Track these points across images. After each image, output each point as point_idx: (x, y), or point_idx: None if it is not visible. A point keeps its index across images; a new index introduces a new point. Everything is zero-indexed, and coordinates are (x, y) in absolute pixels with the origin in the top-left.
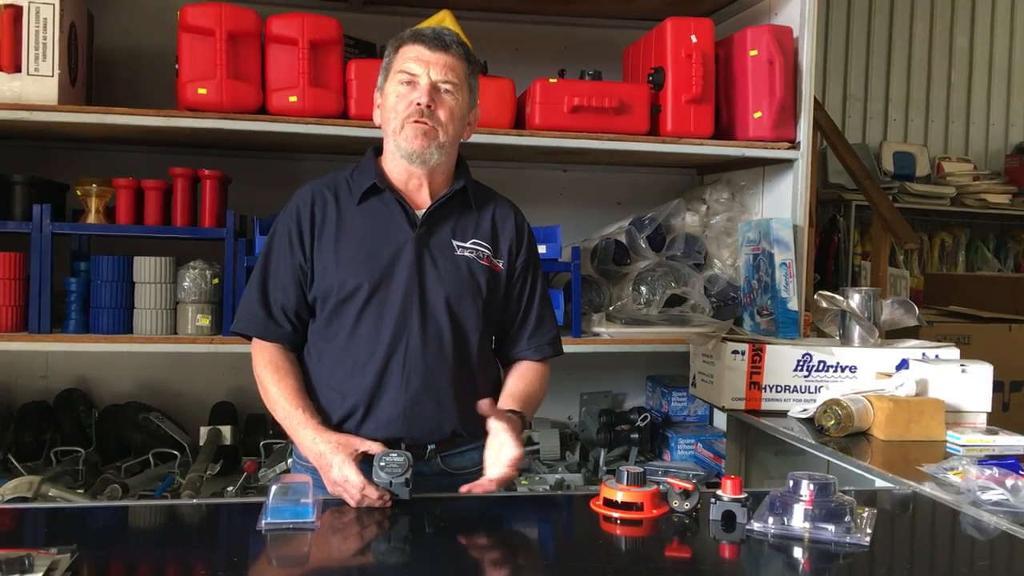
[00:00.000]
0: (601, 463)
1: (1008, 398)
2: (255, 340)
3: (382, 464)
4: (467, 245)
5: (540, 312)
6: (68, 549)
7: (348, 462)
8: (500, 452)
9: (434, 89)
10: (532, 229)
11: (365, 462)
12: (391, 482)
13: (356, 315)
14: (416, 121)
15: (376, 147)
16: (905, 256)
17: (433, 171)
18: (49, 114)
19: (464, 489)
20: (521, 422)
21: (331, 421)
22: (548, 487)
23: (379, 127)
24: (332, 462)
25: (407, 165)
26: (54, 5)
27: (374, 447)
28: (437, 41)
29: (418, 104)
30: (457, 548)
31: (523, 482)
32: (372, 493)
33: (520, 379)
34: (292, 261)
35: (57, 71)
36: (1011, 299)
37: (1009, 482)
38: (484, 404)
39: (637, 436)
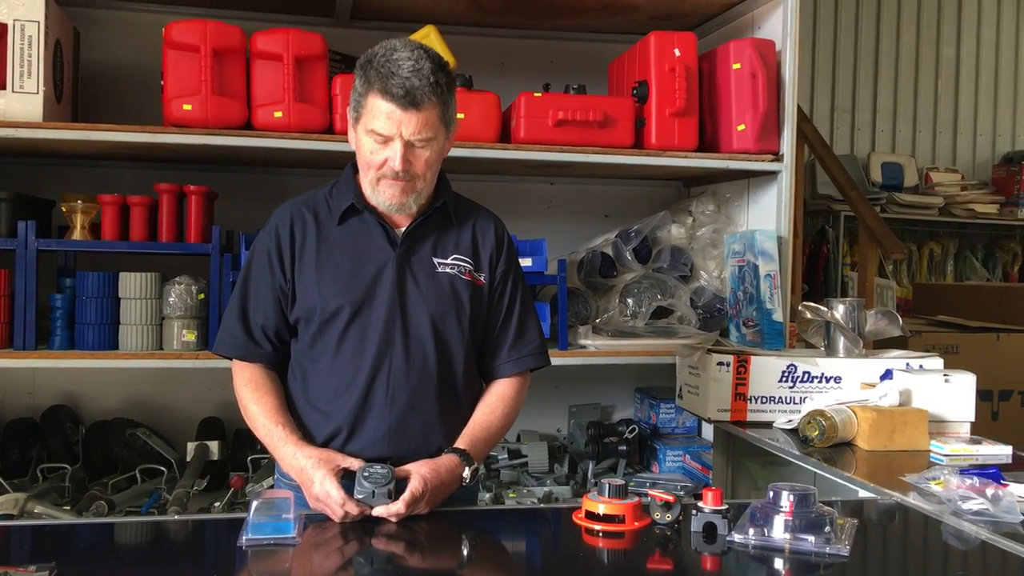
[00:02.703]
0: (590, 475)
1: (997, 407)
2: (235, 361)
3: (365, 475)
4: (448, 261)
5: (521, 323)
6: (47, 567)
7: (329, 477)
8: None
9: (408, 146)
10: (513, 240)
11: (348, 478)
12: (374, 492)
13: (339, 336)
14: (393, 180)
15: (354, 163)
16: (894, 266)
17: None
18: (34, 131)
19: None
20: (462, 461)
21: (316, 441)
22: (536, 500)
23: (354, 149)
24: (313, 477)
25: None
26: (39, 22)
27: (355, 463)
28: (408, 99)
29: (393, 168)
30: (439, 563)
31: (511, 495)
32: (353, 509)
33: (485, 409)
34: (272, 282)
35: (42, 88)
36: (999, 309)
37: (989, 492)
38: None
39: (625, 448)
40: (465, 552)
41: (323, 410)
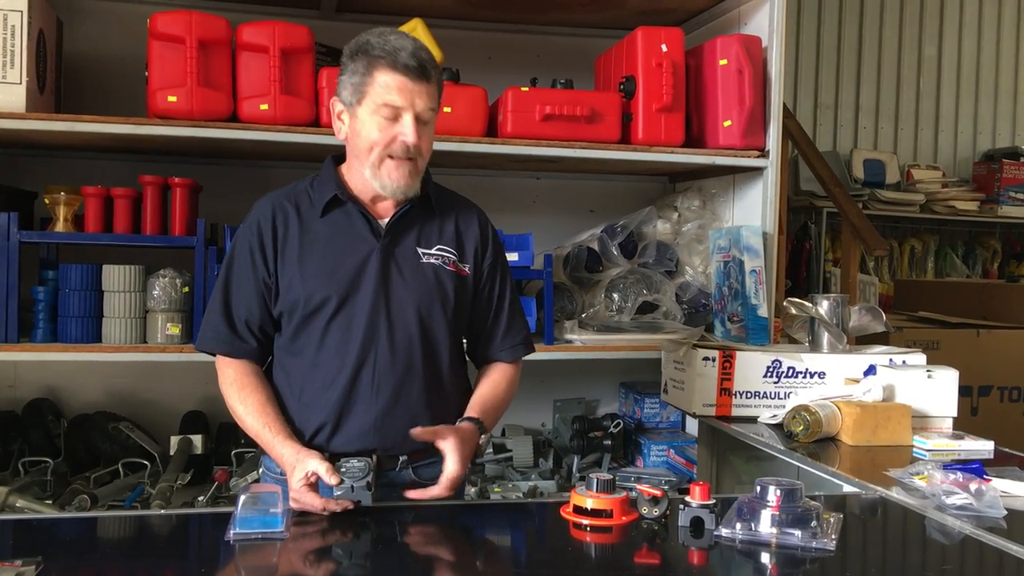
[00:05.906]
0: (574, 470)
1: (976, 403)
2: (220, 357)
3: (343, 469)
4: (432, 252)
5: (511, 313)
6: (33, 561)
7: (306, 486)
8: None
9: (418, 121)
10: (496, 231)
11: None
12: (352, 486)
13: (323, 329)
14: (402, 158)
15: (335, 156)
16: (875, 263)
17: None
18: (17, 122)
19: (410, 494)
20: (478, 429)
21: (303, 435)
22: (521, 494)
23: (342, 140)
24: (295, 477)
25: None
26: (22, 12)
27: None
28: (420, 72)
29: (406, 143)
30: (427, 557)
31: (496, 489)
32: (333, 506)
33: (488, 383)
34: (255, 276)
35: (25, 78)
36: (979, 305)
37: (973, 487)
38: (417, 431)
39: (610, 443)
40: (454, 546)
41: (308, 404)
